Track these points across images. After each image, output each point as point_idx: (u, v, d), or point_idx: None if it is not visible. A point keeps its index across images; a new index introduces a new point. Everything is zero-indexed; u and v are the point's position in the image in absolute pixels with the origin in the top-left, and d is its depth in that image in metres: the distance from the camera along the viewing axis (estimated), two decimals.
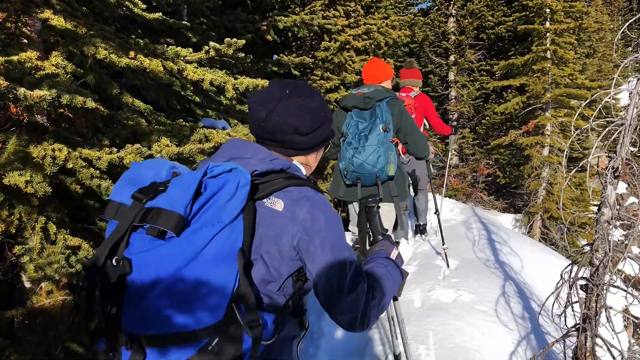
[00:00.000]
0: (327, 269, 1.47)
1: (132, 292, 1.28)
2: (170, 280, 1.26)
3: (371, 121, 4.02)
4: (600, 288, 3.14)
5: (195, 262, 1.27)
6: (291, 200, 1.47)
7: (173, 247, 1.28)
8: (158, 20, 3.32)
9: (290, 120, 1.55)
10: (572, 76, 10.34)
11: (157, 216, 1.27)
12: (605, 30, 23.14)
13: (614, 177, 3.18)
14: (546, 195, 10.61)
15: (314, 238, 1.46)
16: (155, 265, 1.28)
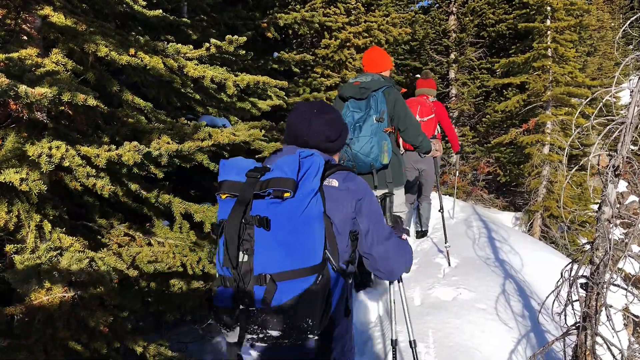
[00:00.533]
0: (373, 216, 2.09)
1: (260, 242, 1.80)
2: (287, 231, 1.79)
3: (366, 111, 4.14)
4: (601, 286, 3.13)
5: (302, 217, 1.80)
6: (342, 179, 2.03)
7: (287, 207, 1.80)
8: (158, 18, 3.31)
9: (323, 131, 2.17)
10: (573, 74, 10.32)
11: (277, 183, 1.80)
12: (606, 28, 23.12)
13: (614, 175, 3.17)
14: (546, 193, 10.61)
15: (363, 201, 2.05)
16: (275, 220, 1.79)
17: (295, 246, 1.80)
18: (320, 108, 2.22)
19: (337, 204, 1.98)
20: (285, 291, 1.78)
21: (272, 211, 1.80)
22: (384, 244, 2.12)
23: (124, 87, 3.31)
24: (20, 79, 2.31)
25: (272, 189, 1.79)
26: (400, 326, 3.58)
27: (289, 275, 1.79)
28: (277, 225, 1.79)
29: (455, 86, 13.10)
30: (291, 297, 1.78)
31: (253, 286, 1.80)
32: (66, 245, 2.78)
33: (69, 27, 2.86)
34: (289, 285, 1.78)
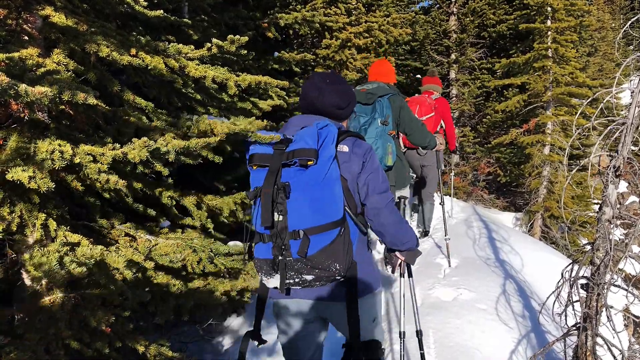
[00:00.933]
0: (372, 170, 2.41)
1: (292, 203, 2.17)
2: (313, 193, 2.18)
3: (371, 116, 4.39)
4: (601, 287, 3.13)
5: (325, 181, 2.19)
6: (351, 144, 2.40)
7: (311, 173, 2.18)
8: (159, 18, 3.31)
9: (334, 100, 2.52)
10: (573, 75, 10.32)
11: (302, 153, 2.16)
12: (607, 28, 23.11)
13: (615, 176, 3.17)
14: (547, 194, 10.61)
15: (367, 161, 2.40)
16: (302, 185, 2.17)
17: (321, 205, 2.20)
18: (332, 79, 2.58)
19: (348, 165, 2.37)
20: (315, 243, 2.17)
21: (298, 177, 2.19)
22: (378, 196, 2.40)
23: (125, 87, 3.31)
24: (21, 78, 2.31)
25: (298, 159, 2.16)
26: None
27: (318, 230, 2.18)
28: (305, 188, 2.18)
29: (455, 86, 13.10)
30: (321, 247, 2.18)
31: (289, 240, 2.17)
32: (75, 242, 2.80)
33: (70, 28, 2.86)
34: (318, 237, 2.18)
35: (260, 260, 2.28)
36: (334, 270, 2.22)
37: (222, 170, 4.14)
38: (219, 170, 4.91)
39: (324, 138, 2.23)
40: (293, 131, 2.39)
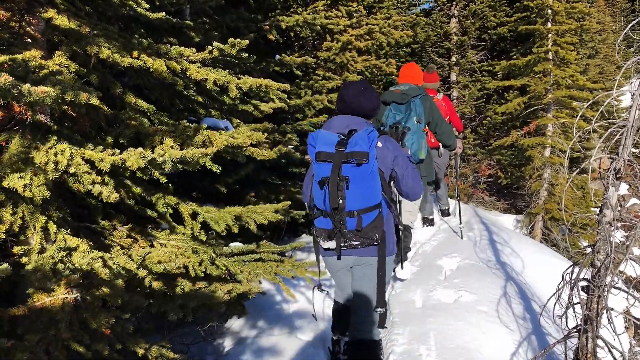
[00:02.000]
0: (404, 166, 3.22)
1: (349, 190, 2.99)
2: (363, 184, 2.99)
3: (406, 114, 5.00)
4: (602, 289, 3.14)
5: (370, 174, 2.99)
6: (384, 141, 3.19)
7: (362, 169, 2.96)
8: (161, 20, 3.32)
9: (368, 104, 3.30)
10: (574, 77, 10.32)
11: (358, 155, 2.93)
12: (608, 31, 23.11)
13: (615, 178, 3.18)
14: (547, 196, 10.61)
15: (398, 156, 3.22)
16: (356, 178, 2.98)
17: (368, 193, 3.04)
18: (365, 87, 3.34)
19: (383, 157, 3.16)
20: (365, 219, 3.06)
21: (354, 172, 2.98)
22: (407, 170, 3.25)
23: (126, 89, 3.32)
24: (24, 80, 2.32)
25: (355, 159, 2.94)
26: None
27: (366, 211, 3.05)
28: (358, 181, 2.99)
29: (456, 89, 13.12)
30: (368, 223, 3.07)
31: (346, 217, 3.04)
32: (73, 245, 2.80)
33: (73, 30, 2.87)
34: (366, 216, 3.06)
35: (321, 229, 3.19)
36: (374, 239, 3.12)
37: (223, 172, 4.15)
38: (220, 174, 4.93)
39: (371, 141, 2.97)
40: (338, 129, 3.15)
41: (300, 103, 6.44)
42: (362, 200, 3.02)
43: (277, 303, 5.13)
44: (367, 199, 3.03)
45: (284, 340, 4.48)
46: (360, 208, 3.02)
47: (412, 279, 5.44)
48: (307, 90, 7.39)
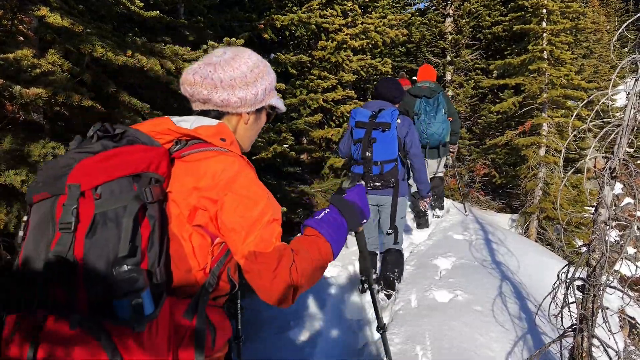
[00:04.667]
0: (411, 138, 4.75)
1: (375, 147, 4.52)
2: (385, 143, 4.52)
3: (434, 106, 6.61)
4: (597, 289, 3.14)
5: (391, 138, 4.52)
6: (402, 119, 4.71)
7: (386, 134, 4.48)
8: (155, 19, 3.30)
9: (389, 94, 4.75)
10: (569, 77, 10.35)
11: (384, 124, 4.47)
12: (602, 31, 23.19)
13: (611, 178, 3.18)
14: (542, 195, 10.63)
15: (410, 131, 4.71)
16: (381, 139, 4.51)
17: (389, 150, 4.51)
18: (391, 82, 4.84)
19: (400, 130, 4.65)
20: (386, 168, 4.55)
21: (380, 135, 4.47)
22: (415, 147, 4.75)
23: (120, 88, 3.30)
24: (16, 79, 2.30)
25: (381, 127, 4.45)
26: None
27: (387, 162, 4.55)
28: (382, 141, 4.49)
29: (451, 88, 13.12)
30: (388, 170, 4.56)
31: (372, 166, 4.53)
32: None
33: (66, 28, 2.85)
34: (387, 165, 4.55)
35: (355, 174, 4.63)
36: (391, 182, 4.62)
37: None
38: None
39: (393, 117, 4.49)
40: (372, 108, 4.62)
41: (295, 102, 6.43)
42: (384, 154, 4.54)
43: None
44: (387, 154, 4.54)
45: (276, 338, 4.47)
46: (382, 160, 4.55)
47: (408, 279, 5.43)
48: (302, 90, 7.38)
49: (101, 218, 1.41)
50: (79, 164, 1.45)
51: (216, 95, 1.70)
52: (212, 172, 1.58)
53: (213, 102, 1.72)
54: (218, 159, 1.61)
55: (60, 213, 1.40)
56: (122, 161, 1.48)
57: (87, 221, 1.39)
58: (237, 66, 1.73)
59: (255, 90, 1.76)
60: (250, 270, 1.55)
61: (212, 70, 1.70)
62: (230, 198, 1.57)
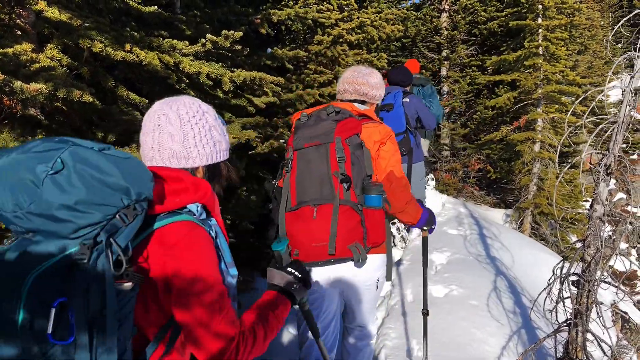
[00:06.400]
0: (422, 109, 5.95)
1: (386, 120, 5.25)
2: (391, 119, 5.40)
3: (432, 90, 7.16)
4: (592, 284, 3.17)
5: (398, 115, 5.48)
6: (410, 98, 5.68)
7: (391, 113, 5.42)
8: (153, 14, 3.29)
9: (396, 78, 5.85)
10: (564, 73, 10.38)
11: (387, 106, 5.49)
12: (597, 27, 23.24)
13: (606, 174, 3.21)
14: (537, 191, 10.67)
15: (418, 107, 5.73)
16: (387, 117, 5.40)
17: (394, 125, 5.14)
18: (403, 69, 5.92)
19: (407, 107, 5.50)
20: (397, 138, 4.69)
21: (386, 115, 5.32)
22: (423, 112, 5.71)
23: (118, 82, 3.29)
24: (15, 74, 2.29)
25: (386, 109, 5.37)
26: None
27: (398, 134, 5.23)
28: (388, 120, 5.20)
29: (446, 83, 13.14)
30: (399, 140, 5.14)
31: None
32: None
33: (64, 22, 2.84)
34: (398, 137, 5.02)
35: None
36: (402, 150, 5.20)
37: None
38: None
39: (395, 98, 5.44)
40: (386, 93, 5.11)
41: (292, 97, 6.42)
42: (395, 125, 5.27)
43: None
44: (397, 126, 5.35)
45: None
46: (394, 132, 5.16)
47: (404, 274, 5.46)
48: (298, 84, 7.36)
49: (353, 154, 2.65)
50: (337, 126, 2.68)
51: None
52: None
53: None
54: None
55: (334, 152, 2.62)
56: (352, 126, 2.71)
57: (349, 156, 2.63)
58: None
59: None
60: None
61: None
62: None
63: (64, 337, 1.13)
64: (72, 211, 1.19)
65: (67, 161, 1.20)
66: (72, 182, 1.19)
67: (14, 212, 1.18)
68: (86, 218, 1.21)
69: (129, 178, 1.27)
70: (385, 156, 2.77)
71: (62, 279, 1.16)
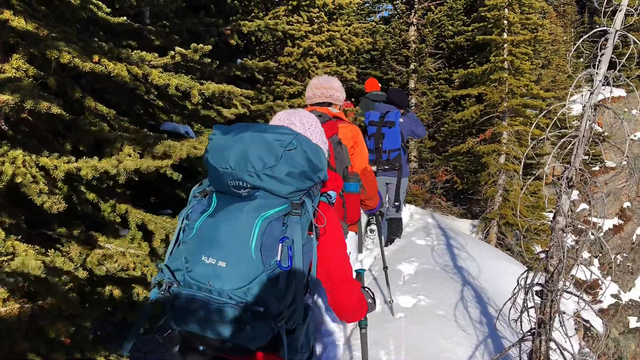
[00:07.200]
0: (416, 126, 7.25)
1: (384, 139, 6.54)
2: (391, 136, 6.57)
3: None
4: (555, 294, 3.25)
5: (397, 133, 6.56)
6: (404, 118, 6.78)
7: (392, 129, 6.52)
8: (122, 25, 3.27)
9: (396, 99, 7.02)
10: (528, 86, 10.64)
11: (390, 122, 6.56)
12: (559, 41, 23.92)
13: (568, 186, 3.30)
14: (502, 201, 10.88)
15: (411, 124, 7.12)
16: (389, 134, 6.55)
17: (394, 141, 6.46)
18: (397, 92, 7.16)
19: (402, 126, 6.59)
20: (392, 155, 6.52)
21: (388, 131, 6.46)
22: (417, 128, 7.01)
23: (86, 93, 3.25)
24: None
25: (389, 125, 6.47)
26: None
27: (392, 150, 6.49)
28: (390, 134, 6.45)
29: (415, 96, 13.31)
30: (394, 157, 6.53)
31: (382, 153, 6.48)
32: (20, 251, 2.71)
33: (30, 32, 2.80)
34: (393, 153, 6.51)
35: (370, 160, 5.11)
36: (396, 165, 6.42)
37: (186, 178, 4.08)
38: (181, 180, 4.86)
39: (396, 117, 6.34)
40: (381, 111, 6.59)
41: (262, 108, 6.42)
42: (391, 145, 6.41)
43: None
44: (393, 145, 6.40)
45: None
46: (390, 149, 6.45)
47: (372, 284, 5.49)
48: (268, 96, 7.38)
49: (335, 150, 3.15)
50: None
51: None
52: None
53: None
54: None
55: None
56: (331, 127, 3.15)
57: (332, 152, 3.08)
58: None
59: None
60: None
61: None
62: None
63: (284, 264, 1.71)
64: (294, 178, 1.74)
65: (296, 144, 1.75)
66: (298, 159, 1.74)
67: (250, 171, 1.71)
68: (301, 185, 1.76)
69: (322, 164, 1.84)
70: (361, 153, 3.50)
71: (282, 224, 1.71)
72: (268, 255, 1.67)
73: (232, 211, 1.73)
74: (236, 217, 1.70)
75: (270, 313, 1.65)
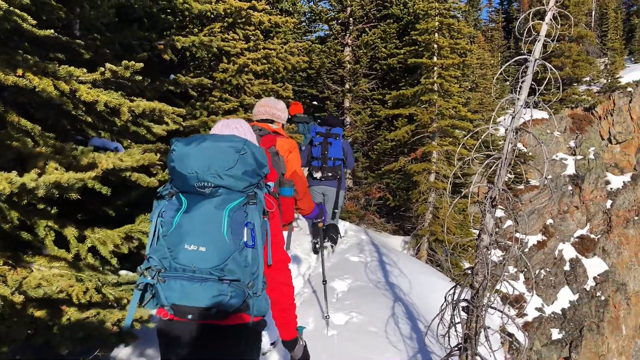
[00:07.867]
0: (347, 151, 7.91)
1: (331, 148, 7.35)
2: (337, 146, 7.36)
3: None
4: (480, 309, 3.38)
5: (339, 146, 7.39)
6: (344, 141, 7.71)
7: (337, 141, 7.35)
8: (50, 38, 3.17)
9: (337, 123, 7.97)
10: (457, 108, 11.08)
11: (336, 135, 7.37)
12: (487, 65, 25.03)
13: (491, 206, 3.45)
14: (432, 218, 11.20)
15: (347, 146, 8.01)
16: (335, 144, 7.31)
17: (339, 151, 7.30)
18: (337, 117, 10.17)
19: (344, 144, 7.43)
20: (336, 163, 7.28)
21: (334, 141, 7.25)
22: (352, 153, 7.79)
23: (8, 107, 3.12)
24: None
25: (334, 136, 7.28)
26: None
27: (337, 159, 7.27)
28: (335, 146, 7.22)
29: (349, 115, 13.54)
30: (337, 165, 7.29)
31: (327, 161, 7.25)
32: None
33: None
34: (337, 161, 7.29)
35: (315, 167, 7.13)
36: (338, 175, 7.11)
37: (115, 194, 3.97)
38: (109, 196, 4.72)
39: (340, 132, 7.27)
40: (324, 127, 7.41)
41: (195, 124, 6.35)
42: (336, 154, 7.09)
43: None
44: (337, 154, 7.09)
45: None
46: (335, 157, 7.09)
47: (306, 302, 5.51)
48: (202, 111, 7.30)
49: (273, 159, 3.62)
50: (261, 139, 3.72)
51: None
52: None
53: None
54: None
55: None
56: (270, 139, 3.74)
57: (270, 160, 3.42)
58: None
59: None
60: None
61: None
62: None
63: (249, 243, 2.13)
64: (247, 175, 2.17)
65: (247, 149, 2.18)
66: (249, 160, 2.18)
67: (212, 173, 2.12)
68: (253, 180, 2.20)
69: (266, 161, 2.27)
70: (293, 161, 3.95)
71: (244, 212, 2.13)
72: (237, 238, 2.09)
73: (203, 206, 2.12)
74: (207, 211, 2.11)
75: (243, 282, 2.08)
